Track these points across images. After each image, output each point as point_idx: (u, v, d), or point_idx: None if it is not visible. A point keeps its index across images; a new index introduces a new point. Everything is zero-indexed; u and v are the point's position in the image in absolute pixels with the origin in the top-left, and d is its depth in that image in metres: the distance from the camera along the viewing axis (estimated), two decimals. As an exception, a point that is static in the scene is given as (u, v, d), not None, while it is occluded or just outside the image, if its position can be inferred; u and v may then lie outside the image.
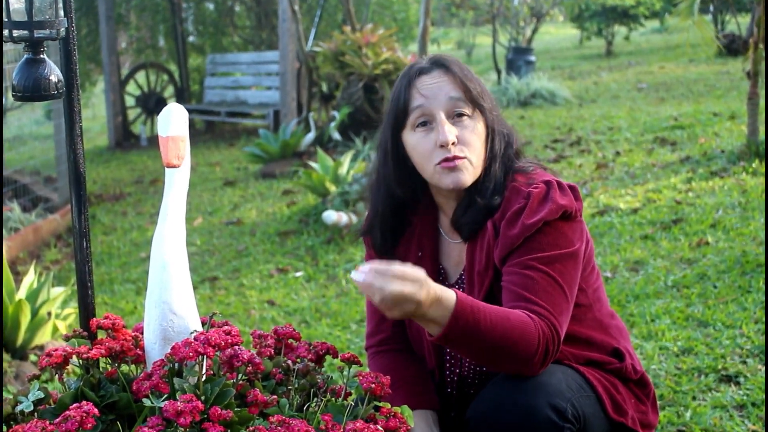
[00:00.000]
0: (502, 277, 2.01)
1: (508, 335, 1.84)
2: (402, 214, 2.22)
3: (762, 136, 6.66)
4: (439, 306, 1.77)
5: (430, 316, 1.78)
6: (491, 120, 2.10)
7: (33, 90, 1.80)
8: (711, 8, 16.27)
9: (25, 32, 1.79)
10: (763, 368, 3.36)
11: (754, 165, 6.26)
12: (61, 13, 1.84)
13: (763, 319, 3.78)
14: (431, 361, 2.22)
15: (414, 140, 2.08)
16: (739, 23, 15.42)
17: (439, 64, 2.09)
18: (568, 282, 1.98)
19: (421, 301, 1.72)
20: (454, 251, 2.20)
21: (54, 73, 1.82)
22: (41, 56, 1.83)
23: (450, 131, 2.02)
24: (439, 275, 2.21)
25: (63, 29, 1.84)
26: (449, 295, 1.79)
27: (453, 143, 2.02)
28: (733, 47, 13.93)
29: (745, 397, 3.15)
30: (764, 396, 3.13)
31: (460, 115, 2.05)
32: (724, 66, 13.16)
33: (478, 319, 1.82)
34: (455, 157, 2.03)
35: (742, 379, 3.29)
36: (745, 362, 3.43)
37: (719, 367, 3.40)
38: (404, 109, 2.08)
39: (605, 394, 2.04)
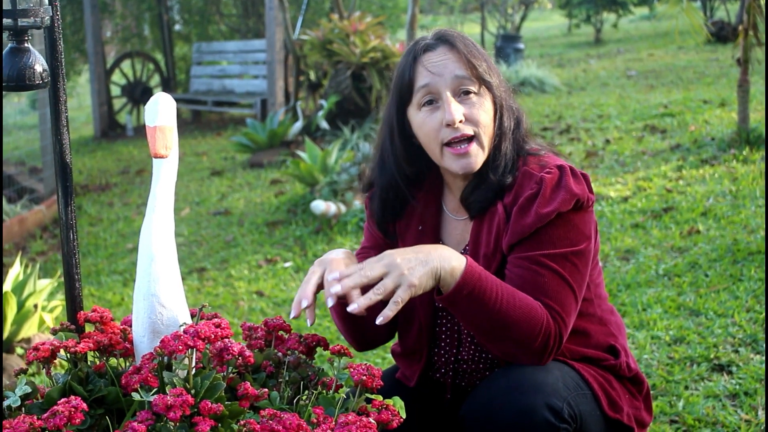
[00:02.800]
0: (508, 266, 1.99)
1: (512, 311, 1.85)
2: (406, 189, 2.18)
3: (752, 123, 6.66)
4: (438, 260, 1.84)
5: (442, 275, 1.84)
6: (499, 96, 2.05)
7: (17, 80, 1.77)
8: (699, -5, 16.30)
9: (9, 21, 1.76)
10: (756, 357, 3.35)
11: (744, 153, 6.26)
12: (46, 1, 1.80)
13: (755, 307, 3.78)
14: (420, 341, 2.19)
15: (420, 119, 2.05)
16: (729, 10, 15.44)
17: (444, 40, 2.04)
18: (578, 281, 1.97)
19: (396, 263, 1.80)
20: (456, 229, 2.17)
21: (39, 63, 1.79)
22: (26, 45, 1.79)
23: (457, 110, 1.99)
24: None
25: (47, 18, 1.81)
26: (458, 257, 1.85)
27: (461, 121, 1.99)
28: (722, 34, 13.95)
29: (737, 387, 3.14)
30: (756, 385, 3.12)
31: (467, 92, 2.01)
32: (714, 53, 13.17)
33: (485, 288, 1.84)
34: (463, 136, 2.00)
35: (734, 368, 3.28)
36: (737, 351, 3.43)
37: (711, 356, 3.39)
38: (409, 87, 2.06)
39: (601, 391, 2.02)
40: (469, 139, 2.01)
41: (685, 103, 8.78)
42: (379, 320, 1.76)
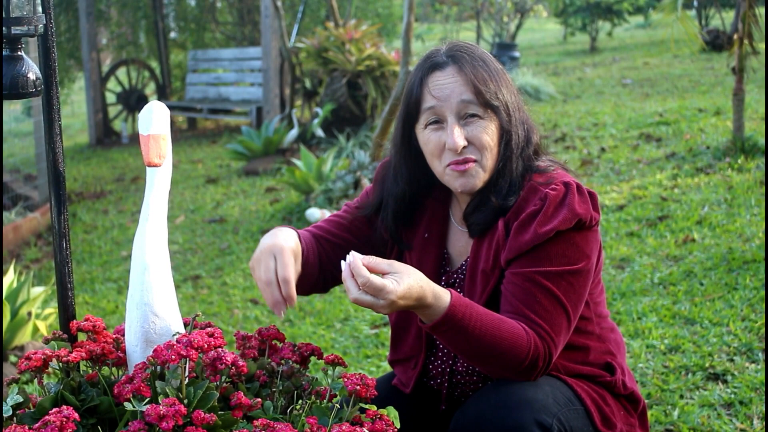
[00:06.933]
0: (504, 282, 1.98)
1: (496, 344, 1.85)
2: (416, 198, 2.18)
3: (747, 132, 6.67)
4: (427, 308, 1.83)
5: (420, 312, 1.84)
6: (506, 118, 2.01)
7: (10, 88, 1.76)
8: (695, 3, 16.31)
9: (2, 29, 1.75)
10: (751, 366, 3.35)
11: (739, 161, 6.26)
12: (39, 9, 1.79)
13: (751, 316, 3.77)
14: (417, 347, 2.19)
15: (425, 137, 2.04)
16: (724, 18, 15.47)
17: (455, 59, 2.01)
18: (573, 300, 1.95)
19: (395, 301, 1.76)
20: (461, 240, 2.16)
21: (32, 71, 1.78)
22: (19, 53, 1.78)
23: (459, 136, 1.97)
24: (442, 260, 2.18)
25: (41, 26, 1.80)
26: (442, 301, 1.83)
27: (464, 147, 1.98)
28: (717, 43, 13.98)
29: (732, 396, 3.14)
30: (752, 394, 3.12)
31: (473, 115, 1.99)
32: (709, 62, 13.19)
33: (467, 326, 1.84)
34: (466, 160, 1.99)
35: (729, 377, 3.28)
36: (732, 360, 3.42)
37: (706, 365, 3.39)
38: (416, 106, 2.05)
39: (593, 407, 2.00)
40: (472, 160, 2.00)
41: (681, 112, 8.78)
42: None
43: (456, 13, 19.81)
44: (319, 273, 2.12)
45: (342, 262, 1.79)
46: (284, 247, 1.91)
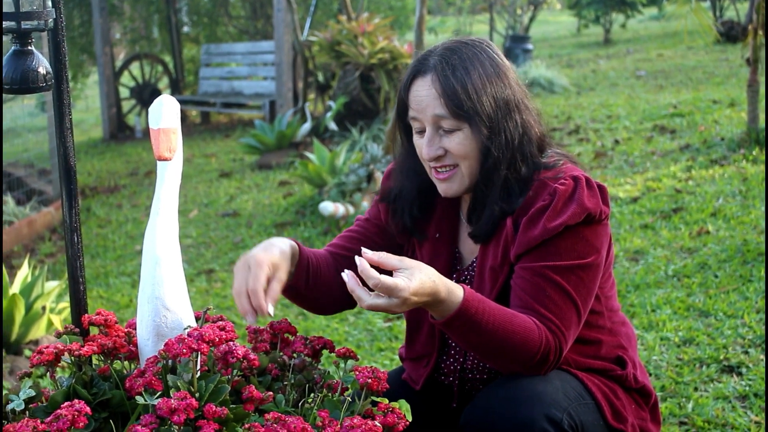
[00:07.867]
0: (513, 276, 1.98)
1: (509, 339, 1.84)
2: (428, 193, 2.17)
3: (762, 123, 6.63)
4: (440, 304, 1.82)
5: (433, 308, 1.83)
6: (484, 134, 1.97)
7: (21, 82, 1.76)
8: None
9: (12, 23, 1.75)
10: (766, 358, 3.33)
11: (754, 153, 6.23)
12: (49, 3, 1.79)
13: (765, 308, 3.76)
14: (430, 345, 2.18)
15: (415, 142, 2.08)
16: (738, 9, 15.40)
17: (435, 68, 1.99)
18: (583, 294, 1.94)
19: (408, 298, 1.75)
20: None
21: (42, 65, 1.78)
22: (29, 48, 1.78)
23: (431, 148, 2.00)
24: (453, 259, 2.18)
25: (51, 20, 1.80)
26: (455, 296, 1.81)
27: (437, 158, 2.01)
28: (731, 34, 13.89)
29: (747, 388, 3.12)
30: (766, 386, 3.10)
31: (447, 129, 2.00)
32: (723, 53, 13.12)
33: (480, 321, 1.82)
34: (444, 166, 2.03)
35: (744, 370, 3.27)
36: (747, 352, 3.41)
37: (721, 357, 3.38)
38: (404, 113, 2.08)
39: (604, 401, 2.00)
40: (454, 165, 2.03)
41: (695, 103, 8.75)
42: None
43: (469, 5, 19.78)
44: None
45: (343, 273, 1.78)
46: (259, 259, 1.94)
